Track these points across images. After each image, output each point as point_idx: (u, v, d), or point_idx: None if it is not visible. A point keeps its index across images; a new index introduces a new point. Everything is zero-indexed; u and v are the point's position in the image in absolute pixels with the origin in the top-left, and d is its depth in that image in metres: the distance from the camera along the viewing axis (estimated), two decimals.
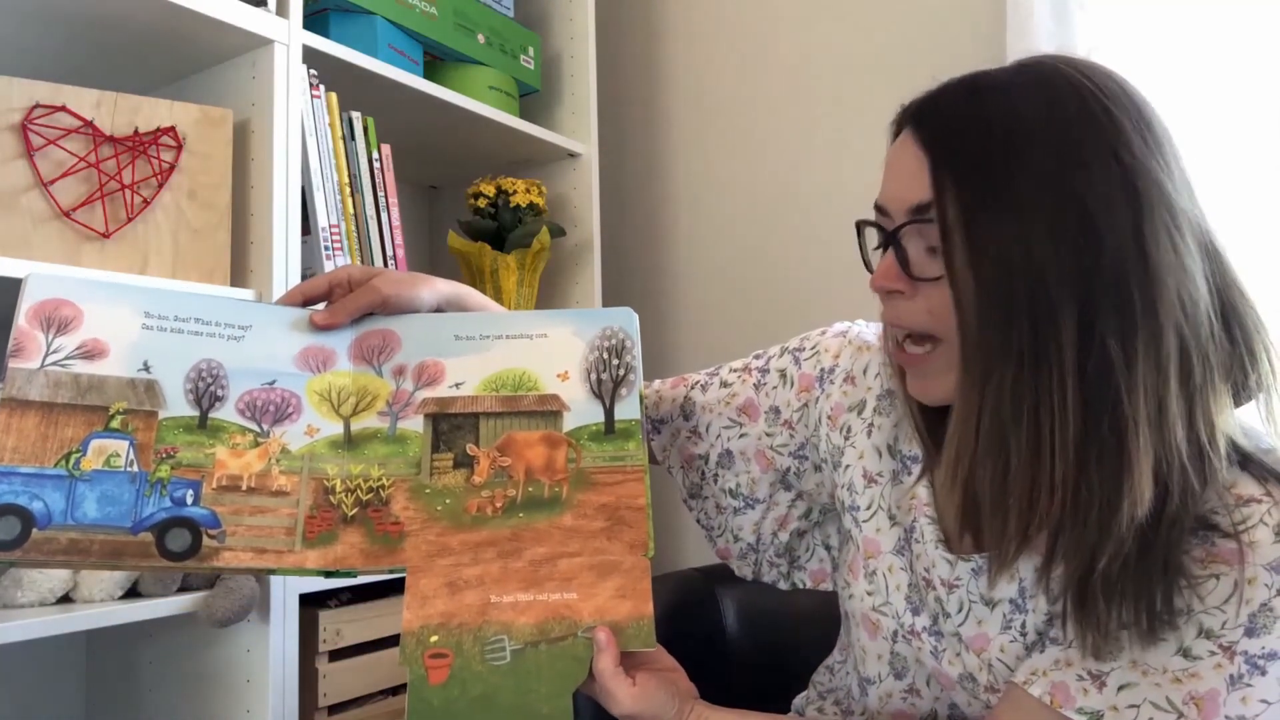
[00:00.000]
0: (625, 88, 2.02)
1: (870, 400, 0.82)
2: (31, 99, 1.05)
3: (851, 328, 0.89)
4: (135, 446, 0.65)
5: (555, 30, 1.81)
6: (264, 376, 0.71)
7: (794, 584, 0.91)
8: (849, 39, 1.74)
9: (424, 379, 0.74)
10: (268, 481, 0.68)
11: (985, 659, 0.71)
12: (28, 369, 0.65)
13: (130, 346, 0.68)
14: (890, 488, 0.80)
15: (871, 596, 0.80)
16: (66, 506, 0.62)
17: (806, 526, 0.89)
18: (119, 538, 0.63)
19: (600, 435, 0.72)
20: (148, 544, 0.63)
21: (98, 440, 0.64)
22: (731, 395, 0.90)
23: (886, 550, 0.79)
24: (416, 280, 0.78)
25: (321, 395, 0.72)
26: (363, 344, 0.75)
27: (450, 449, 0.72)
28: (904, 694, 0.80)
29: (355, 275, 0.77)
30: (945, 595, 0.74)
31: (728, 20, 1.90)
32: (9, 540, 0.60)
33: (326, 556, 0.68)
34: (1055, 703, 0.64)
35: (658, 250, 1.98)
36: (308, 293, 0.77)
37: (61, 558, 0.61)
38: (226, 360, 0.70)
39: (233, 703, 1.15)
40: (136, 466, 0.65)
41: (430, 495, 0.70)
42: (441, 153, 1.73)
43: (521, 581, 0.66)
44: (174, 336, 0.70)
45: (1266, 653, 0.61)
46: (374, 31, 1.41)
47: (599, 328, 0.76)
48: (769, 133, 1.84)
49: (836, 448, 0.83)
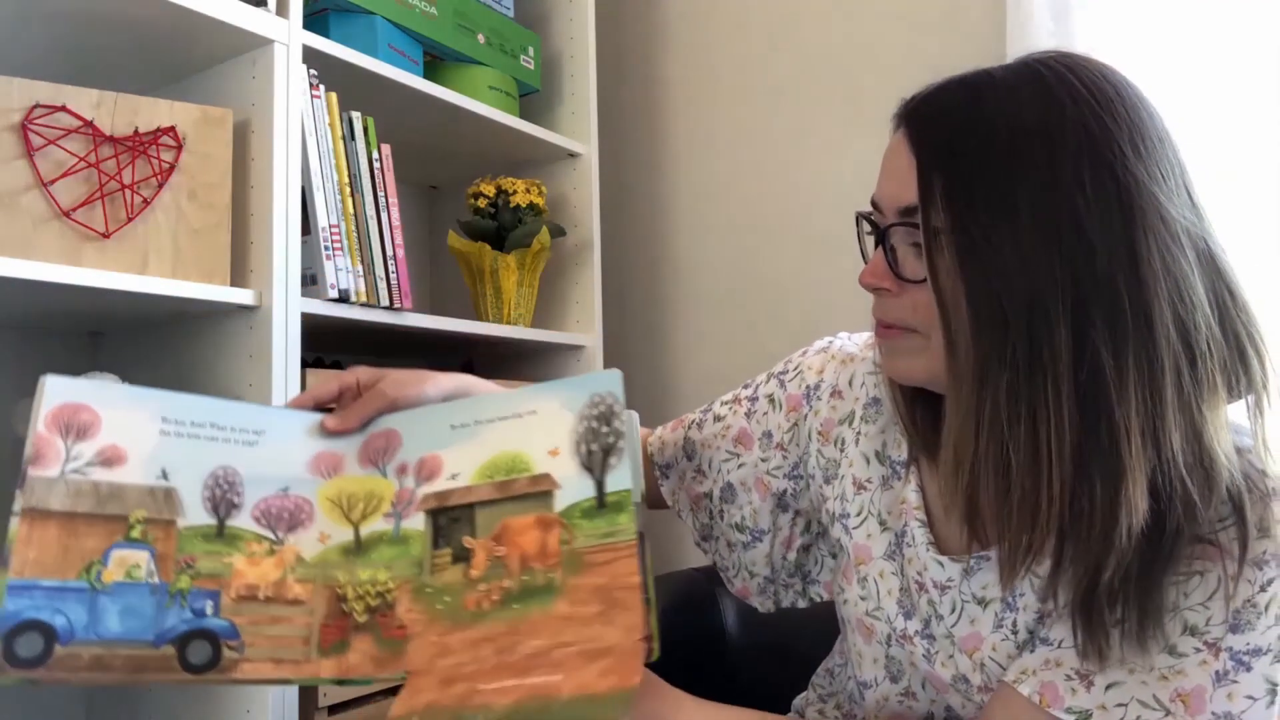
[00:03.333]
0: (625, 88, 2.02)
1: (858, 410, 0.82)
2: (31, 99, 1.05)
3: (834, 342, 0.89)
4: (155, 557, 0.65)
5: (555, 30, 1.81)
6: (278, 483, 0.72)
7: (811, 599, 0.92)
8: (849, 39, 1.74)
9: (424, 474, 0.74)
10: (284, 590, 0.69)
11: (978, 659, 0.72)
12: (48, 477, 0.63)
13: (148, 453, 0.67)
14: (880, 493, 0.80)
15: (864, 601, 0.80)
16: (89, 620, 0.60)
17: (810, 540, 0.90)
18: (142, 651, 0.62)
19: (593, 511, 0.71)
20: (170, 657, 0.62)
21: (119, 551, 0.63)
22: (726, 428, 0.90)
23: (877, 556, 0.79)
24: (423, 379, 0.79)
25: (333, 501, 0.73)
26: (369, 447, 0.76)
27: (449, 544, 0.72)
28: (900, 697, 0.80)
29: (364, 378, 0.79)
30: (938, 597, 0.74)
31: (728, 20, 1.90)
32: (32, 658, 0.58)
33: (340, 665, 0.68)
34: (1044, 702, 0.64)
35: (658, 250, 1.98)
36: (318, 397, 0.78)
37: (84, 674, 0.60)
38: (242, 466, 0.70)
39: (233, 703, 1.15)
40: (157, 578, 0.64)
41: (431, 594, 0.70)
42: (441, 153, 1.73)
43: (513, 671, 0.66)
44: (190, 442, 0.69)
45: (1251, 649, 0.61)
46: (374, 31, 1.41)
47: (586, 396, 0.75)
48: (769, 132, 1.84)
49: (832, 461, 0.84)
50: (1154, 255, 0.59)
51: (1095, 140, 0.60)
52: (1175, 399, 0.59)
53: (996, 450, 0.61)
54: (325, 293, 1.26)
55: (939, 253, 0.63)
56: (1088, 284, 0.59)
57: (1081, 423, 0.59)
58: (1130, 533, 0.58)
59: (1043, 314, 0.59)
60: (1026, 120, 0.61)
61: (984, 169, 0.61)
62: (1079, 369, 0.59)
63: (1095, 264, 0.59)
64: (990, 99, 0.63)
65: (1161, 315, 0.59)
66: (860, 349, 0.86)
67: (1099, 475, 0.59)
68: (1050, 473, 0.60)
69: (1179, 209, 0.61)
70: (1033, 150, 0.61)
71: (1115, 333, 0.59)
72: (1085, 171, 0.60)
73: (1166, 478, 0.59)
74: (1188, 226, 0.61)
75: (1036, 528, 0.61)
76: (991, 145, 0.62)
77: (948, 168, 0.63)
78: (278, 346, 1.18)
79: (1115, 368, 0.58)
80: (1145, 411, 0.59)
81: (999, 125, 0.62)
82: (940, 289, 0.63)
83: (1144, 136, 0.62)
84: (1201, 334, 0.60)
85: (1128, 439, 0.58)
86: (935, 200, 0.63)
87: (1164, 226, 0.60)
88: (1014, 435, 0.60)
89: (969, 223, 0.61)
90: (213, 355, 1.24)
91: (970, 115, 0.63)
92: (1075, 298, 0.59)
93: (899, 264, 0.67)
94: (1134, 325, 0.59)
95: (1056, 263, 0.59)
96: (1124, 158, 0.60)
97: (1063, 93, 0.62)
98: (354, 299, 1.30)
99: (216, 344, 1.23)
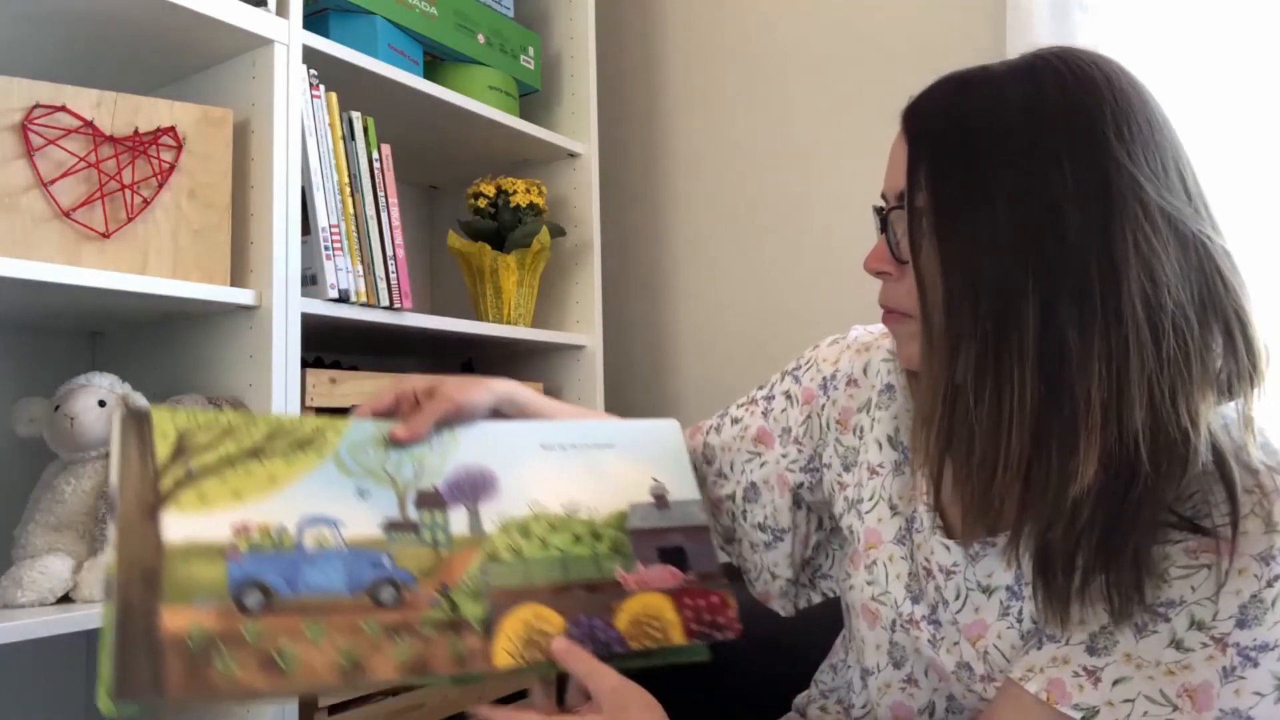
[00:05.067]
0: (625, 88, 2.02)
1: (874, 396, 0.84)
2: (31, 99, 1.05)
3: (848, 333, 0.91)
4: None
5: (555, 30, 1.81)
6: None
7: (824, 594, 0.94)
8: (849, 39, 1.74)
9: None
10: None
11: (981, 648, 0.72)
12: None
13: None
14: (892, 478, 0.81)
15: (871, 586, 0.81)
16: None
17: (822, 537, 0.92)
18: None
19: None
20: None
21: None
22: (745, 429, 0.92)
23: (888, 540, 0.80)
24: (476, 384, 0.82)
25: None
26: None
27: None
28: (902, 684, 0.81)
29: (420, 386, 0.81)
30: (944, 582, 0.75)
31: (727, 20, 1.90)
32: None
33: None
34: (1051, 699, 0.64)
35: (658, 250, 1.98)
36: (376, 409, 0.80)
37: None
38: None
39: None
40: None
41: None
42: (441, 153, 1.73)
43: None
44: None
45: (1258, 644, 0.61)
46: (374, 31, 1.41)
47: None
48: (769, 132, 1.84)
49: (851, 449, 0.85)
50: (1126, 237, 0.61)
51: (1076, 124, 0.63)
52: (1139, 375, 0.60)
53: (962, 418, 0.64)
54: (325, 293, 1.26)
55: (920, 233, 0.67)
56: (1057, 264, 0.61)
57: (1044, 394, 0.61)
58: (1081, 499, 0.61)
59: (1012, 291, 0.62)
60: (1010, 107, 0.64)
61: (964, 153, 0.65)
62: (1044, 344, 0.61)
63: (1066, 244, 0.61)
64: (979, 90, 0.66)
65: (1129, 295, 0.60)
66: (875, 338, 0.88)
67: (1055, 444, 0.61)
68: (1010, 440, 0.62)
69: (1163, 193, 0.62)
70: (1012, 135, 0.63)
71: (1083, 310, 0.61)
72: (1064, 155, 0.62)
73: (1126, 449, 0.60)
74: (1171, 211, 0.62)
75: (993, 491, 0.64)
76: (972, 131, 0.65)
77: (932, 153, 0.67)
78: (278, 346, 1.18)
79: (1080, 343, 0.61)
80: (1108, 386, 0.60)
81: (983, 112, 0.65)
82: (919, 268, 0.67)
83: (1130, 121, 0.63)
84: (1168, 314, 0.61)
85: (1086, 411, 0.60)
86: (920, 184, 0.67)
87: (1141, 210, 0.61)
88: (979, 404, 0.63)
89: (946, 204, 0.65)
90: (213, 355, 1.24)
91: (957, 104, 0.67)
92: (1045, 276, 0.61)
93: (896, 248, 0.70)
94: (1102, 304, 0.61)
95: (1028, 243, 0.62)
96: (1105, 141, 0.62)
97: (1049, 80, 0.64)
98: (354, 299, 1.30)
99: (216, 344, 1.23)
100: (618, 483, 0.82)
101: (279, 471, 0.71)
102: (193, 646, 0.62)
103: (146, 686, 0.60)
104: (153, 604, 0.63)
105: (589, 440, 0.83)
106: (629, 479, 0.82)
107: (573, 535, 0.78)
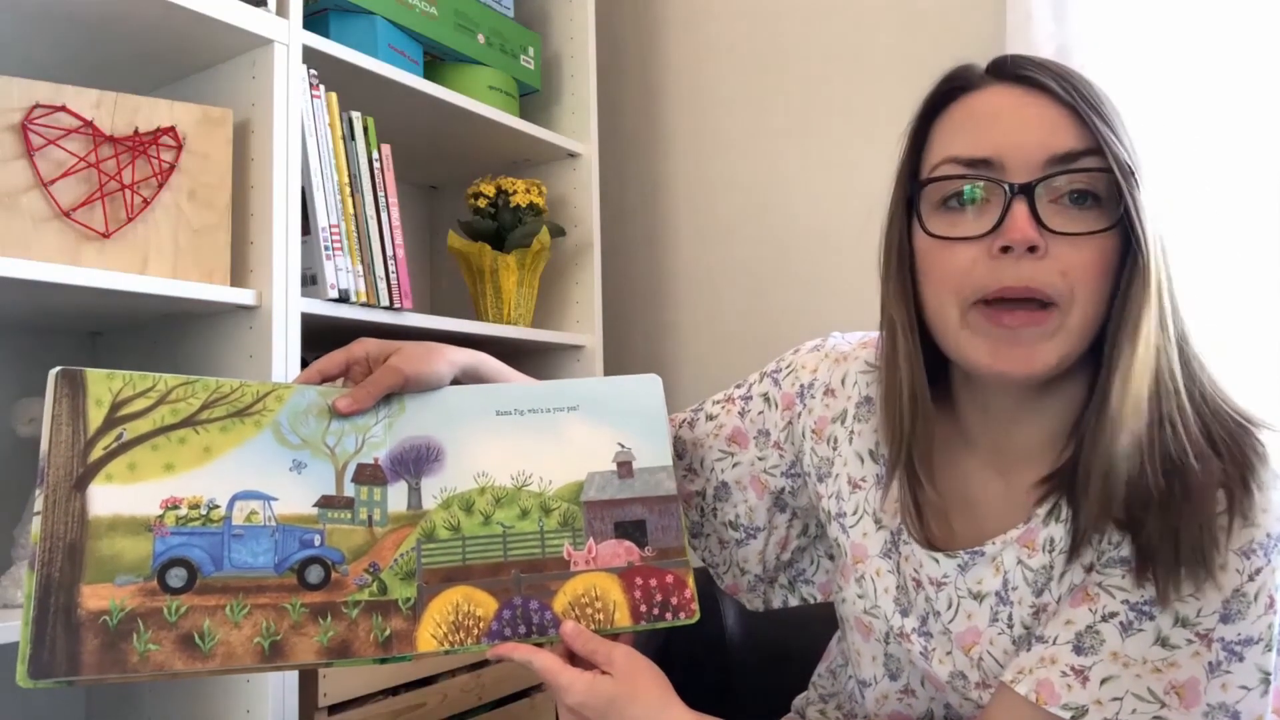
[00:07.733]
0: (625, 88, 2.02)
1: (850, 409, 0.82)
2: (31, 99, 1.05)
3: (827, 340, 0.89)
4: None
5: (555, 30, 1.81)
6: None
7: (803, 598, 0.91)
8: (849, 39, 1.74)
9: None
10: None
11: (975, 655, 0.72)
12: None
13: None
14: (874, 492, 0.80)
15: (862, 600, 0.80)
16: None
17: (806, 543, 0.90)
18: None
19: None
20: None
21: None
22: (719, 427, 0.90)
23: (873, 554, 0.79)
24: (433, 354, 0.77)
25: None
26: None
27: None
28: (900, 695, 0.80)
29: (373, 351, 0.76)
30: (934, 594, 0.75)
31: (727, 20, 1.90)
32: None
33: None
34: (1041, 700, 0.64)
35: (658, 250, 1.98)
36: (325, 371, 0.76)
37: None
38: None
39: (232, 703, 1.15)
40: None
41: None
42: (441, 153, 1.73)
43: None
44: None
45: (1243, 638, 0.61)
46: (374, 31, 1.41)
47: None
48: (769, 132, 1.84)
49: (825, 459, 0.84)
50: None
51: None
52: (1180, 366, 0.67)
53: (1169, 407, 0.65)
54: (325, 293, 1.26)
55: (1129, 198, 0.63)
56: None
57: (1176, 368, 0.66)
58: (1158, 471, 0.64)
59: (1167, 259, 0.65)
60: None
61: (1116, 116, 0.66)
62: (1176, 315, 0.66)
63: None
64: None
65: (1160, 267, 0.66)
66: (853, 348, 0.86)
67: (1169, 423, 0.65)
68: (1174, 430, 0.64)
69: None
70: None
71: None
72: None
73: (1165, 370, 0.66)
74: None
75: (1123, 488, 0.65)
76: (1104, 98, 0.66)
77: (1102, 115, 0.65)
78: (278, 346, 1.18)
79: (1174, 306, 0.67)
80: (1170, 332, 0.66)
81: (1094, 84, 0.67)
82: (1135, 230, 0.63)
83: None
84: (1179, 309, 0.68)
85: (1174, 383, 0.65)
86: (1119, 139, 0.64)
87: None
88: (1154, 387, 0.65)
89: (1129, 166, 0.64)
90: (212, 355, 1.24)
91: (1081, 75, 0.67)
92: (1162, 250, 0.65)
93: (1049, 219, 0.64)
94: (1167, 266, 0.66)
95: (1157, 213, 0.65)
96: None
97: None
98: (354, 299, 1.30)
99: (216, 344, 1.23)
100: (578, 450, 0.76)
101: (214, 442, 0.69)
102: (111, 625, 0.62)
103: (62, 666, 0.60)
104: (74, 582, 0.62)
105: (550, 404, 0.78)
106: (591, 445, 0.77)
107: (519, 510, 0.74)
